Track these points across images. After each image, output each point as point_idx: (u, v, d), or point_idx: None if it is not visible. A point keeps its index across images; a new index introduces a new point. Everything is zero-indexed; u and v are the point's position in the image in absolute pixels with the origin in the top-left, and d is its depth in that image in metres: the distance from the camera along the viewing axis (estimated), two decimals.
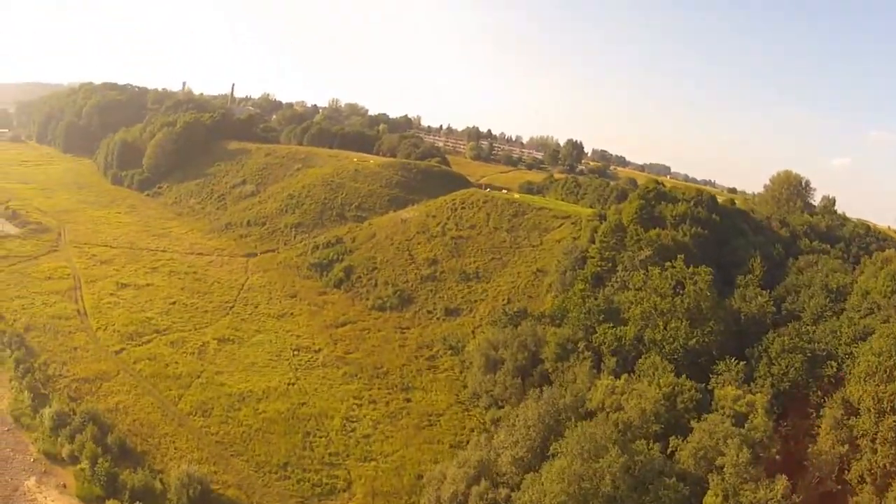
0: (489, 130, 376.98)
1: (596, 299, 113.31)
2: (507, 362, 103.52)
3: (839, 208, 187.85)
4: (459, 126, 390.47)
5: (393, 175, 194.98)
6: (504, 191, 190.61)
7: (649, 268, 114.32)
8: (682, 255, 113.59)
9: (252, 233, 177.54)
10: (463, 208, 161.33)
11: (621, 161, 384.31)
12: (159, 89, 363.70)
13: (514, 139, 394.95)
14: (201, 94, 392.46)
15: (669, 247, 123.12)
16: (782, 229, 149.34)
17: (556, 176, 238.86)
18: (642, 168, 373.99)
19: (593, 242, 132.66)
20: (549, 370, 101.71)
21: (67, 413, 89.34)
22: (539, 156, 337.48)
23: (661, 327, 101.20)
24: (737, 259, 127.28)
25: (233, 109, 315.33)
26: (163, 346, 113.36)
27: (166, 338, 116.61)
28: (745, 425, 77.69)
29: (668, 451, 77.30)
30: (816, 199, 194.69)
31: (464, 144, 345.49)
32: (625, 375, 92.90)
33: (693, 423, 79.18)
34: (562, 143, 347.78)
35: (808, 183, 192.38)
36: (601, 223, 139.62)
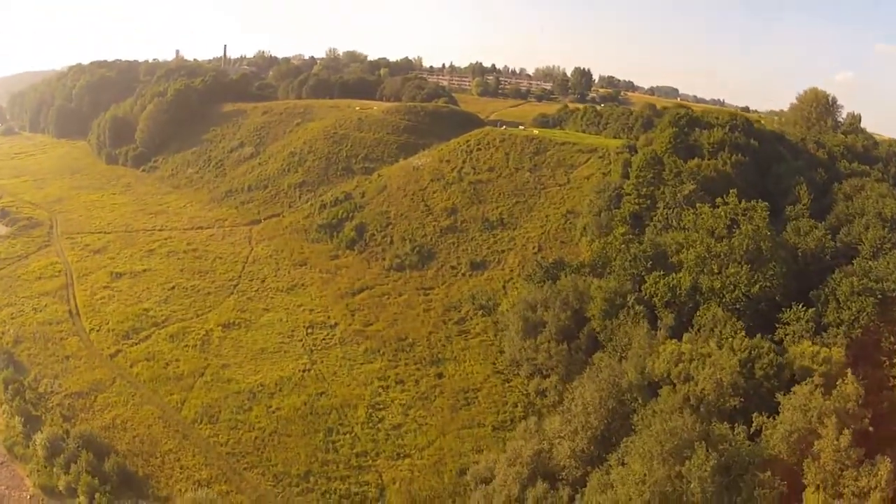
0: (493, 65, 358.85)
1: (640, 243, 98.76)
2: (549, 324, 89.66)
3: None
4: (462, 63, 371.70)
5: (399, 120, 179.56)
6: (521, 126, 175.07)
7: (697, 205, 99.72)
8: (734, 189, 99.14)
9: (254, 198, 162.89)
10: (479, 149, 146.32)
11: (629, 86, 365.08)
12: (150, 61, 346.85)
13: (518, 72, 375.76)
14: (194, 59, 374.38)
15: (713, 178, 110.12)
16: (819, 151, 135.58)
17: (571, 106, 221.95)
18: (651, 92, 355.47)
19: (626, 178, 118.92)
20: (597, 330, 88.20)
21: (61, 437, 78.00)
22: (547, 87, 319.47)
23: (717, 273, 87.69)
24: (781, 187, 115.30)
25: (226, 71, 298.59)
26: (162, 342, 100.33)
27: (165, 331, 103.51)
28: (834, 392, 63.50)
29: (752, 429, 63.45)
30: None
31: (469, 81, 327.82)
32: (687, 335, 79.38)
33: (779, 397, 66.26)
34: (568, 72, 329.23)
35: (835, 100, 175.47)
36: (632, 155, 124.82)
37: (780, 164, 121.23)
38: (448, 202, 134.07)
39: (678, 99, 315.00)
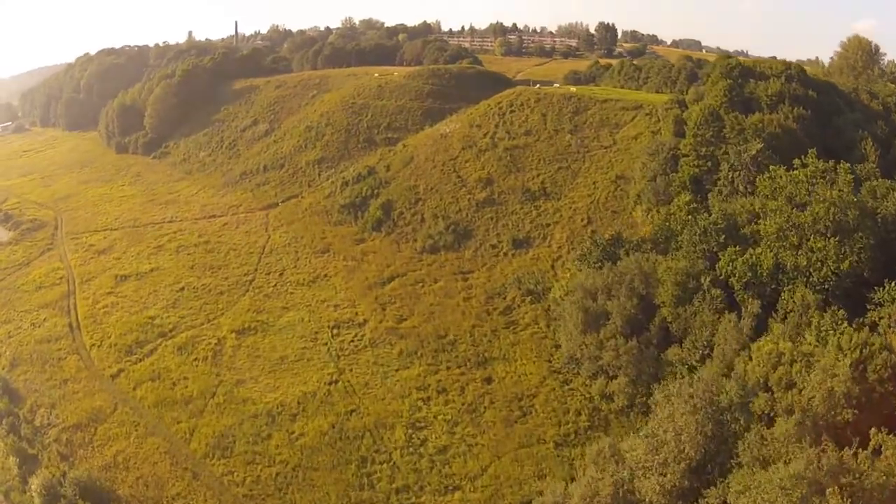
0: (514, 24, 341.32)
1: (709, 213, 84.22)
2: (614, 316, 75.86)
3: None
4: (482, 25, 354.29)
5: (422, 85, 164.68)
6: (555, 84, 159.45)
7: (771, 167, 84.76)
8: (813, 149, 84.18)
9: (270, 179, 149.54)
10: (512, 111, 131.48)
11: (654, 40, 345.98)
12: (161, 44, 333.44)
13: (539, 31, 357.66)
14: (206, 39, 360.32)
15: (777, 136, 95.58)
16: (873, 102, 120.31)
17: (603, 62, 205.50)
18: (676, 45, 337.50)
19: (680, 136, 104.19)
20: (669, 320, 74.26)
21: (58, 481, 66.21)
22: (573, 43, 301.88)
23: (799, 247, 73.51)
24: (844, 142, 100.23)
25: (239, 48, 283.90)
26: (168, 356, 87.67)
27: (173, 341, 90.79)
28: None
29: (870, 448, 49.26)
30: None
31: (491, 42, 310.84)
32: (778, 327, 65.48)
33: None
34: (591, 28, 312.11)
35: (877, 48, 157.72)
36: (682, 111, 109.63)
37: (839, 118, 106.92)
38: (482, 172, 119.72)
39: (702, 51, 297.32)
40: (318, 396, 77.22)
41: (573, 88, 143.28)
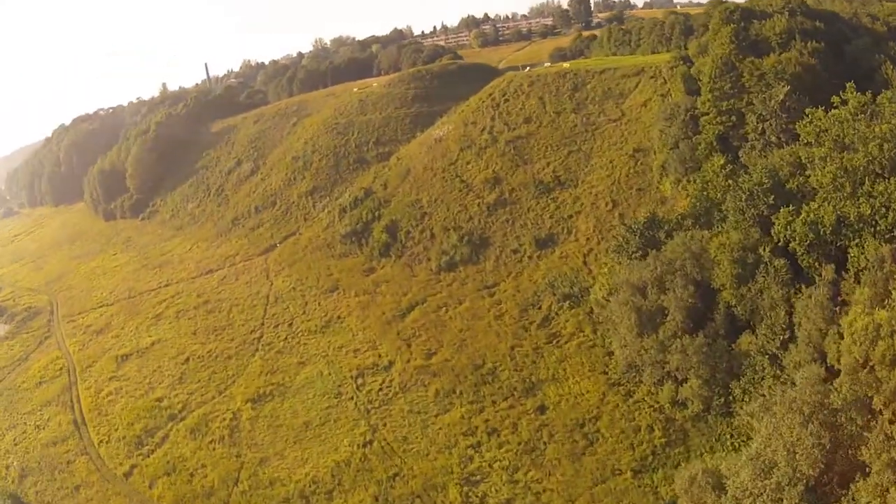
0: (486, 14, 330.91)
1: (748, 173, 74.08)
2: (672, 311, 65.66)
3: None
4: (453, 21, 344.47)
5: (405, 91, 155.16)
6: (545, 64, 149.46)
7: (807, 110, 74.29)
8: (851, 83, 73.14)
9: (264, 220, 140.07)
10: (506, 101, 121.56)
11: (627, 5, 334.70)
12: (135, 101, 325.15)
13: (512, 17, 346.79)
14: (180, 87, 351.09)
15: (800, 75, 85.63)
16: (876, 24, 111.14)
17: (586, 34, 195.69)
18: (650, 6, 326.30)
19: (695, 95, 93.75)
20: (733, 304, 64.00)
21: None
22: (548, 22, 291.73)
23: (855, 195, 62.61)
24: (861, 71, 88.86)
25: (212, 90, 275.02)
26: (182, 442, 78.03)
27: (184, 424, 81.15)
28: None
29: None
30: None
31: (466, 36, 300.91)
32: (862, 292, 54.57)
33: None
34: (564, 3, 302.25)
35: None
36: (689, 67, 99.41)
37: (850, 45, 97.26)
38: (488, 171, 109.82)
39: (678, 7, 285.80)
40: (354, 464, 67.27)
41: (566, 64, 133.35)
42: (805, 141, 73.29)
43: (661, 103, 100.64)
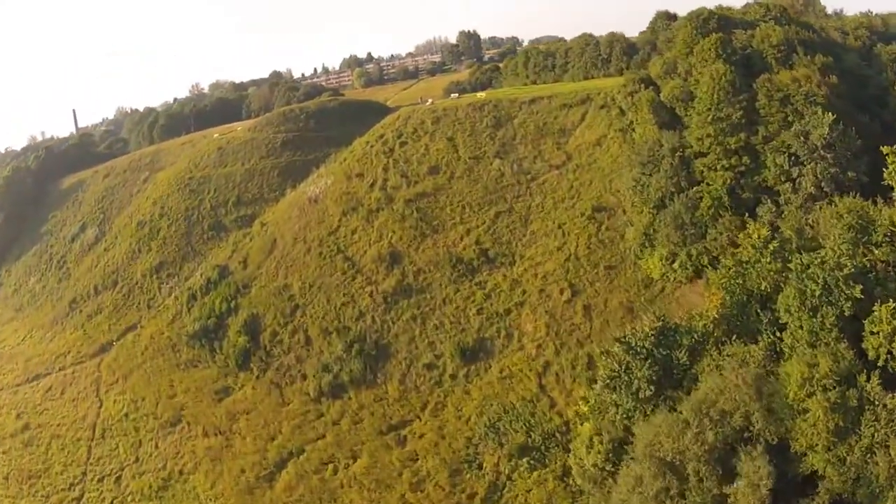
0: (369, 54, 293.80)
1: (816, 253, 42.16)
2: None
3: None
4: (334, 64, 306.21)
5: (274, 135, 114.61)
6: (452, 95, 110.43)
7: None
8: None
9: (103, 304, 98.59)
10: (403, 144, 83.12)
11: (517, 42, 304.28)
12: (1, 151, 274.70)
13: (394, 56, 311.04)
14: (52, 137, 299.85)
15: (829, 99, 57.64)
16: (847, 38, 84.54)
17: (485, 67, 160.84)
18: (538, 42, 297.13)
19: (674, 128, 59.09)
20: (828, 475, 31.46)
21: None
22: (436, 59, 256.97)
23: None
24: (869, 91, 66.46)
25: (89, 137, 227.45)
26: None
27: None
28: None
29: None
30: None
31: (349, 76, 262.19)
32: None
33: None
34: (452, 39, 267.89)
35: None
36: (656, 92, 65.72)
37: (841, 61, 68.21)
38: (382, 244, 71.73)
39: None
40: None
41: (481, 94, 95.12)
42: None
43: (623, 141, 66.05)
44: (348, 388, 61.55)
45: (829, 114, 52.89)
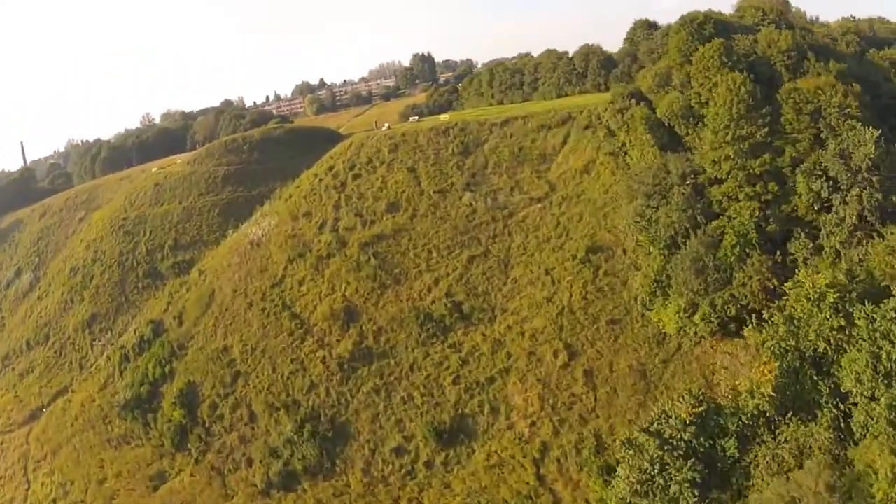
0: (321, 80, 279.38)
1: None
2: None
3: None
4: (286, 91, 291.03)
5: (215, 168, 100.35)
6: (413, 119, 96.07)
7: None
8: None
9: (35, 361, 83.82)
10: (357, 176, 68.98)
11: (472, 65, 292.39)
12: None
13: (346, 82, 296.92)
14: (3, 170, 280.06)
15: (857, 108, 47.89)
16: (839, 45, 72.72)
17: (442, 90, 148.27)
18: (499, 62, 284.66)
19: (675, 149, 48.75)
20: None
21: None
22: (390, 83, 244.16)
23: None
24: (883, 101, 56.89)
25: (31, 172, 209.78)
26: None
27: None
28: None
29: None
30: None
31: (300, 103, 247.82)
32: None
33: None
34: (405, 62, 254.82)
35: None
36: (651, 108, 53.84)
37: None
38: (335, 299, 58.34)
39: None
40: None
41: (444, 116, 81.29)
42: None
43: (615, 167, 54.14)
44: (301, 479, 48.65)
45: (872, 129, 41.88)
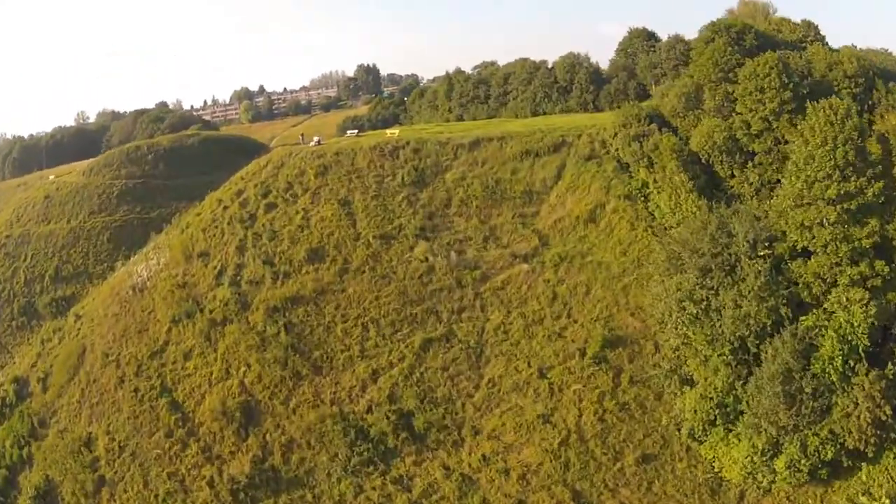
0: (262, 87, 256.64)
1: None
2: None
3: None
4: (226, 95, 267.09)
5: (112, 180, 79.73)
6: (350, 133, 72.90)
7: None
8: None
9: None
10: (271, 207, 48.58)
11: (417, 80, 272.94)
12: None
13: (287, 90, 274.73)
14: None
15: None
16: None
17: (386, 102, 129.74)
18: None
19: (722, 197, 31.11)
20: None
21: None
22: (332, 94, 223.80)
23: None
24: None
25: None
26: None
27: None
28: None
29: None
30: None
31: (236, 110, 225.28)
32: None
33: None
34: (349, 73, 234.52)
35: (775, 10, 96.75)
36: (682, 139, 36.34)
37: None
38: (229, 387, 39.12)
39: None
40: None
41: (392, 131, 60.04)
42: None
43: (635, 217, 36.61)
44: None
45: None
